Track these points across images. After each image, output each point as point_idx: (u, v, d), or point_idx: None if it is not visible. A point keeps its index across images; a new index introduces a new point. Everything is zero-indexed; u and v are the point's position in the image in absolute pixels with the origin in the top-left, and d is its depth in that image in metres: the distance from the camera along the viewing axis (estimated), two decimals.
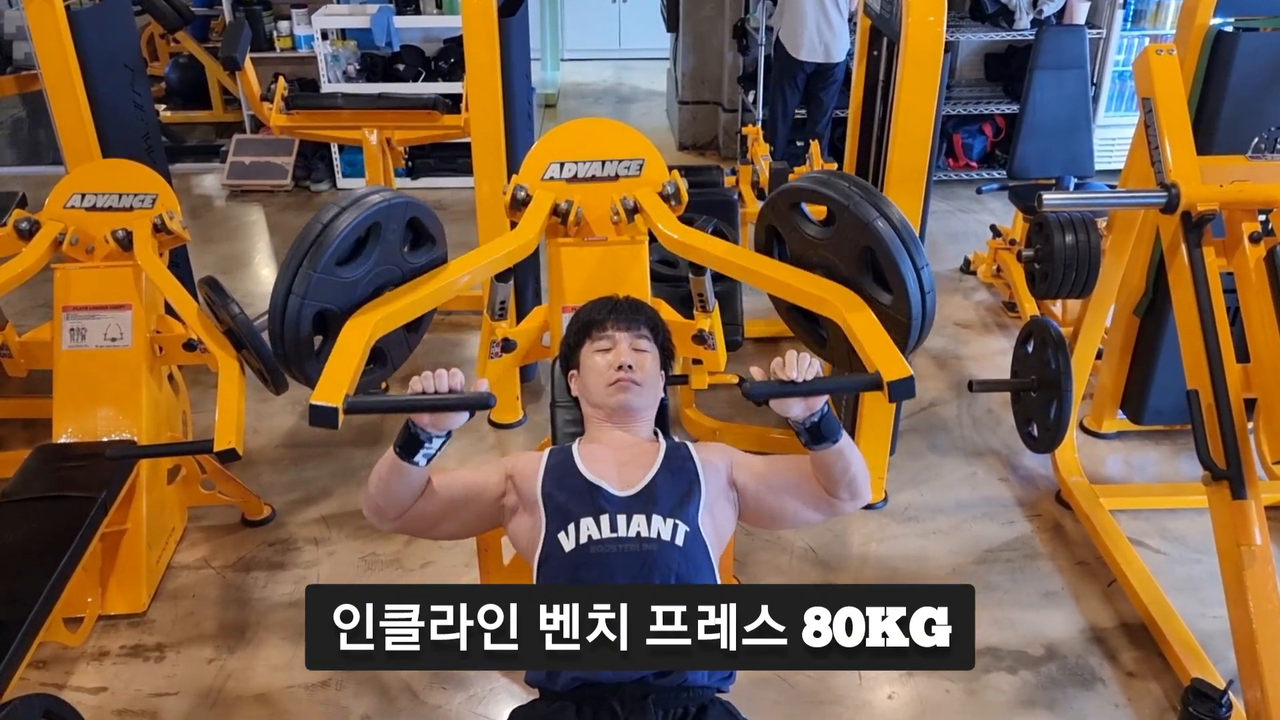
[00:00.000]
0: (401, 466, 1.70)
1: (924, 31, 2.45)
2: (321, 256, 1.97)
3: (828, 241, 2.14)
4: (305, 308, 1.98)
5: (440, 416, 1.68)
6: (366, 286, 2.11)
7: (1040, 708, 2.39)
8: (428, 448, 1.69)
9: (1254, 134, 2.48)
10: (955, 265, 4.93)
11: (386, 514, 1.79)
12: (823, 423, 1.70)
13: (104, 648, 2.56)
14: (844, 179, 2.11)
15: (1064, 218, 3.50)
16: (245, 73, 4.11)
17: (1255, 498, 2.19)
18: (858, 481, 1.79)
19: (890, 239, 1.98)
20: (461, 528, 1.90)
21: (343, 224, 2.01)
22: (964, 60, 6.39)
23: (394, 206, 2.11)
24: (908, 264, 1.98)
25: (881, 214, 2.00)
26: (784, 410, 1.70)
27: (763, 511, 1.87)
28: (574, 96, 8.54)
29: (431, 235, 2.25)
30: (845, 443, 1.74)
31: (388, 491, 1.75)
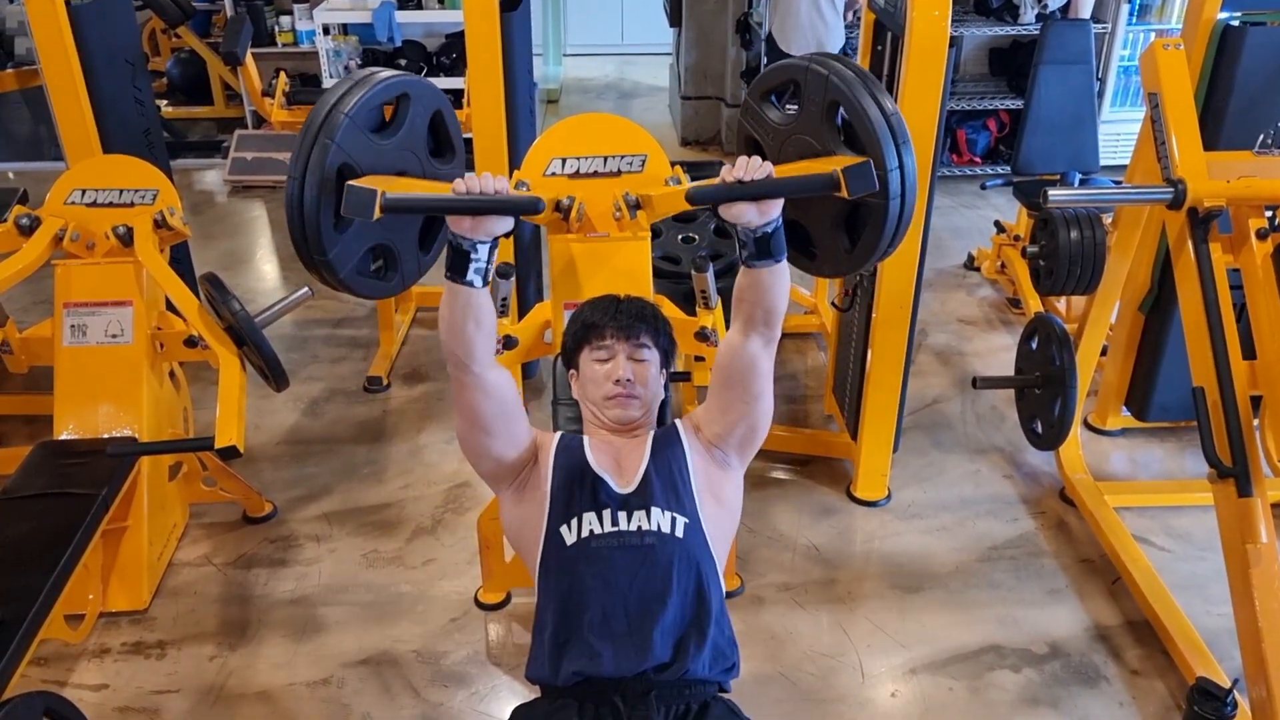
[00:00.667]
0: (458, 290, 1.64)
1: (929, 26, 2.43)
2: (351, 104, 1.99)
3: (797, 120, 2.15)
4: (332, 153, 1.94)
5: (482, 220, 1.61)
6: (390, 165, 2.11)
7: (1044, 706, 2.38)
8: (475, 259, 1.62)
9: (1261, 129, 2.47)
10: (959, 261, 4.91)
11: (460, 360, 1.69)
12: (774, 235, 1.66)
13: (105, 645, 2.56)
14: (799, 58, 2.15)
15: (1069, 213, 3.49)
16: (246, 68, 4.11)
17: (1261, 495, 2.18)
18: (779, 311, 1.74)
19: (850, 82, 1.98)
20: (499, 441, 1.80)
21: (378, 79, 2.07)
22: (968, 55, 6.36)
23: (423, 85, 2.20)
24: (870, 103, 1.95)
25: (839, 64, 2.03)
26: (737, 216, 1.64)
27: (733, 431, 1.83)
28: (576, 92, 8.52)
29: (453, 144, 2.29)
30: (784, 266, 1.71)
31: (454, 329, 1.66)
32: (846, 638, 2.58)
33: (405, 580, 2.79)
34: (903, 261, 2.68)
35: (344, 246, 2.08)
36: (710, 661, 1.67)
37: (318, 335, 4.21)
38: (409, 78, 2.18)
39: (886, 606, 2.69)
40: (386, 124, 2.16)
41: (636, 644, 1.63)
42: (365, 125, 2.05)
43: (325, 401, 3.71)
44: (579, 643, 1.64)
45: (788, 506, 3.09)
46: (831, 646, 2.55)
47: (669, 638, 1.65)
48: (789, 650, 2.54)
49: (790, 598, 2.72)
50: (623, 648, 1.63)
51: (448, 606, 2.68)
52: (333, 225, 2.02)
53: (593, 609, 1.65)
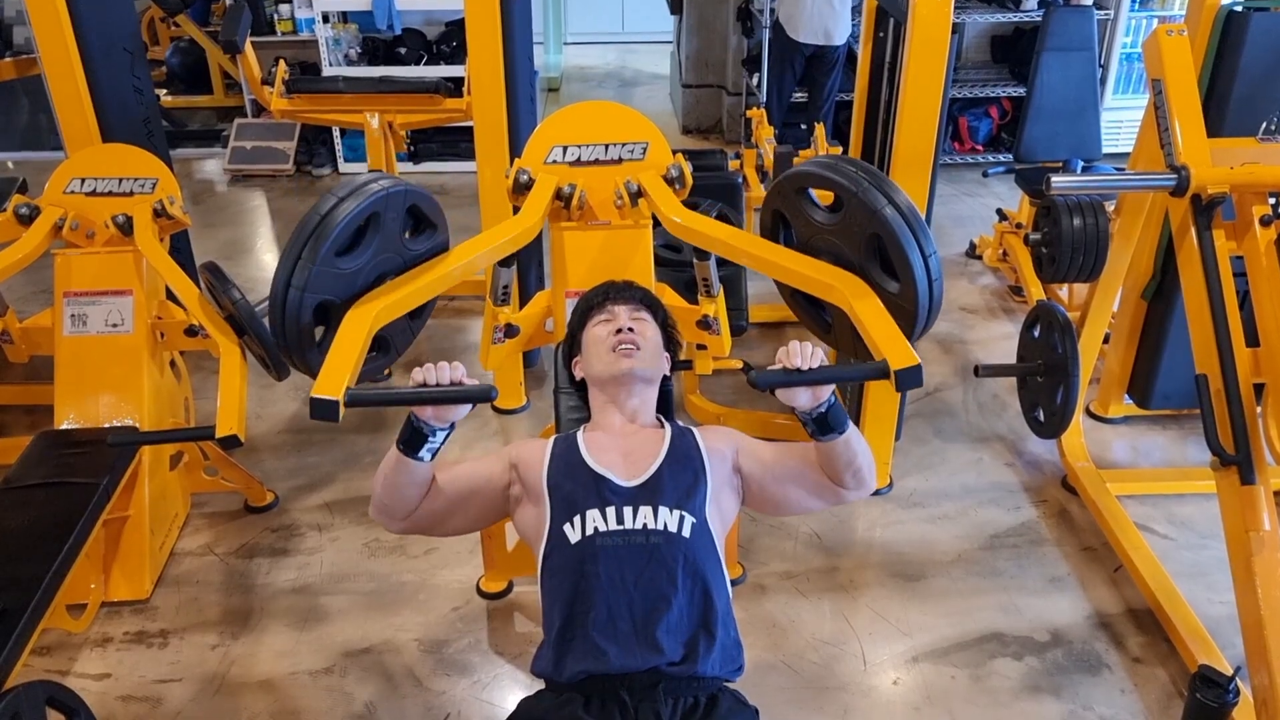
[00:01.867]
0: (406, 463, 1.70)
1: (931, 13, 2.42)
2: (320, 248, 1.96)
3: (834, 228, 2.11)
4: (305, 300, 1.97)
5: (443, 409, 1.68)
6: (367, 276, 2.09)
7: (1046, 694, 2.38)
8: (431, 441, 1.69)
9: (1265, 116, 2.46)
10: (961, 249, 4.90)
11: (395, 514, 1.78)
12: (830, 413, 1.69)
13: (107, 634, 2.56)
14: (852, 164, 2.08)
15: (1071, 201, 3.48)
16: (246, 56, 4.08)
17: (1264, 483, 2.17)
18: (863, 471, 1.78)
19: (898, 226, 1.96)
20: (469, 522, 1.90)
21: (341, 214, 1.99)
22: (970, 42, 6.34)
23: (393, 195, 2.09)
24: (915, 252, 1.95)
25: (890, 201, 1.98)
26: (790, 400, 1.69)
27: (766, 498, 1.87)
28: (577, 80, 8.49)
29: (432, 221, 2.22)
30: (852, 433, 1.73)
31: (394, 490, 1.74)
32: (848, 626, 2.58)
33: (407, 569, 2.79)
34: None
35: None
36: (720, 662, 1.67)
37: None
38: (375, 196, 2.04)
39: (888, 594, 2.69)
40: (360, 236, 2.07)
41: (642, 643, 1.62)
42: (335, 255, 2.01)
43: None
44: (584, 641, 1.64)
45: None
46: (833, 634, 2.55)
47: (676, 637, 1.64)
48: (791, 638, 2.54)
49: (792, 586, 2.72)
50: (628, 646, 1.62)
51: (450, 595, 2.68)
52: (317, 347, 2.05)
53: (598, 607, 1.65)
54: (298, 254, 1.97)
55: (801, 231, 2.21)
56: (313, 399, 1.73)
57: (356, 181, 2.07)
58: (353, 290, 2.06)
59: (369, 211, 2.04)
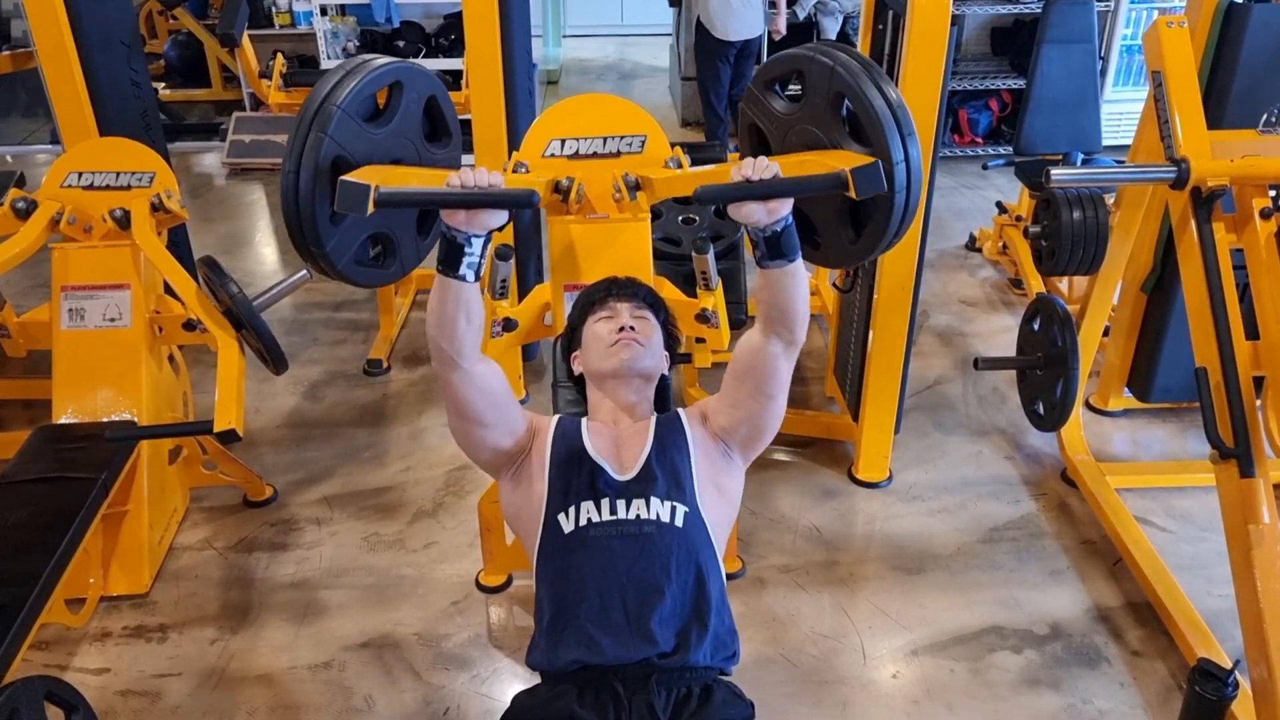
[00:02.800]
0: (449, 284, 1.62)
1: (930, 4, 2.41)
2: (343, 95, 1.97)
3: (801, 110, 2.13)
4: (325, 145, 1.92)
5: (477, 214, 1.60)
6: (385, 154, 2.11)
7: (1045, 687, 2.38)
8: (469, 253, 1.60)
9: (1265, 108, 2.45)
10: (961, 242, 4.89)
11: (450, 358, 1.68)
12: (785, 234, 1.63)
13: (106, 629, 2.56)
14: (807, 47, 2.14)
15: (1071, 193, 3.47)
16: (243, 50, 4.08)
17: (1263, 476, 2.17)
18: (799, 314, 1.71)
19: (854, 72, 1.97)
20: (495, 432, 1.79)
21: (370, 67, 2.05)
22: (970, 34, 6.32)
23: (418, 71, 2.18)
24: (875, 92, 1.93)
25: (844, 52, 2.03)
26: (745, 216, 1.63)
27: (740, 427, 1.82)
28: (576, 73, 8.47)
29: (449, 128, 2.27)
30: (800, 266, 1.68)
31: (444, 324, 1.65)
32: (848, 619, 2.58)
33: (406, 563, 2.79)
34: (904, 243, 2.64)
35: (341, 237, 2.06)
36: (711, 651, 1.66)
37: (317, 318, 4.20)
38: (402, 64, 2.15)
39: (888, 588, 2.69)
40: (380, 112, 2.13)
41: (635, 633, 1.62)
42: (358, 115, 2.03)
43: (325, 385, 3.70)
44: (577, 631, 1.63)
45: (789, 488, 3.08)
46: (833, 628, 2.55)
47: (669, 627, 1.63)
48: (790, 632, 2.54)
49: (792, 579, 2.72)
50: (621, 637, 1.61)
51: (449, 589, 2.68)
52: (329, 218, 2.01)
53: (590, 598, 1.64)
54: (321, 98, 1.96)
55: (775, 135, 2.23)
56: (343, 181, 1.64)
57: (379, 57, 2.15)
58: (371, 155, 2.07)
59: (394, 77, 2.09)
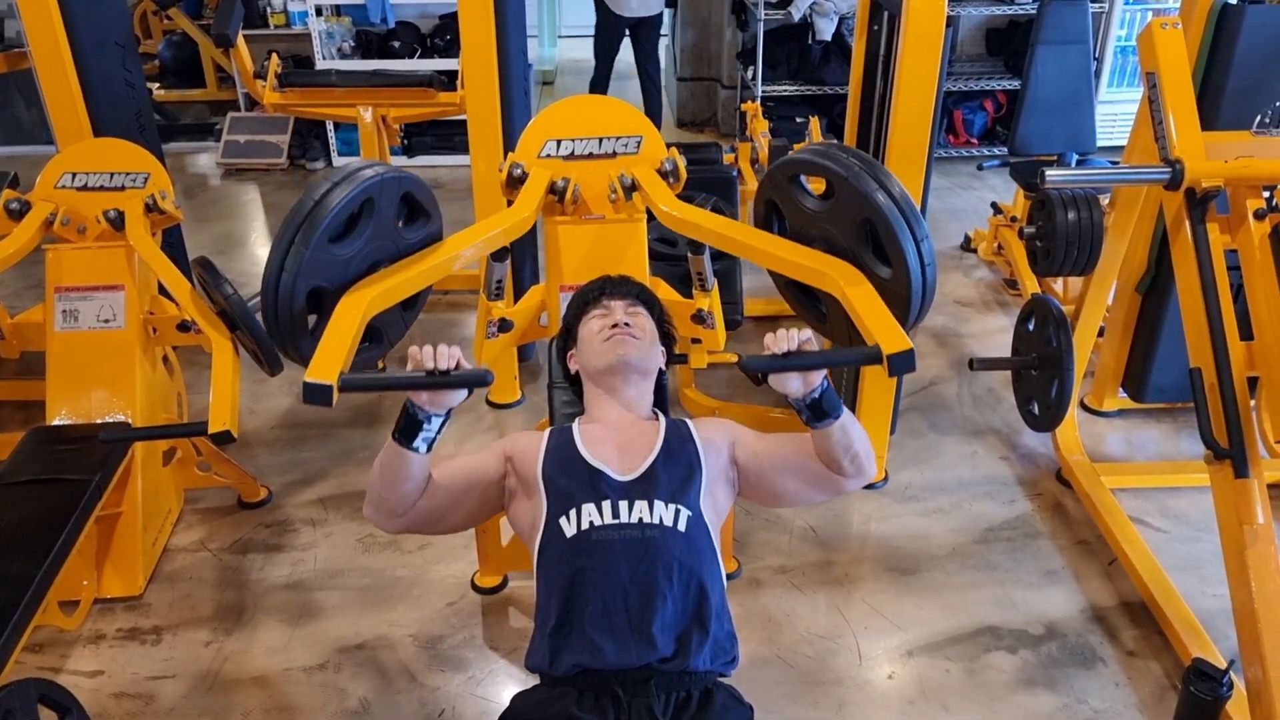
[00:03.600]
0: (402, 454, 1.68)
1: (926, 5, 2.41)
2: (314, 234, 1.95)
3: (827, 214, 2.11)
4: (298, 286, 1.96)
5: (439, 395, 1.65)
6: (360, 263, 2.09)
7: (1040, 687, 2.38)
8: (427, 430, 1.67)
9: (1259, 109, 2.45)
10: (956, 242, 4.90)
11: (392, 511, 1.76)
12: (823, 398, 1.68)
13: (100, 631, 2.55)
14: (844, 151, 2.09)
15: (1066, 194, 3.48)
16: (238, 50, 4.07)
17: (1258, 476, 2.17)
18: (861, 458, 1.76)
19: (890, 211, 1.96)
20: (465, 518, 1.88)
21: (335, 200, 1.98)
22: (965, 35, 6.34)
23: (386, 181, 2.08)
24: (908, 237, 1.95)
25: (881, 186, 1.98)
26: (782, 386, 1.68)
27: (763, 490, 1.87)
28: (571, 73, 8.47)
29: (426, 210, 2.22)
30: (847, 418, 1.72)
31: (391, 484, 1.72)
32: (843, 620, 2.58)
33: (401, 564, 2.78)
34: None
35: None
36: (711, 656, 1.66)
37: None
38: (370, 181, 2.04)
39: (883, 588, 2.69)
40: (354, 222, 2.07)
41: (637, 638, 1.61)
42: (328, 245, 2.01)
43: None
44: (579, 635, 1.63)
45: None
46: (829, 629, 2.55)
47: (670, 632, 1.63)
48: (786, 633, 2.54)
49: (787, 580, 2.72)
50: (623, 641, 1.61)
51: (444, 590, 2.68)
52: (309, 334, 2.04)
53: (594, 602, 1.64)
54: (290, 239, 1.96)
55: (794, 220, 2.21)
56: (306, 383, 1.71)
57: (350, 168, 2.07)
58: (346, 277, 2.05)
59: (363, 198, 2.04)
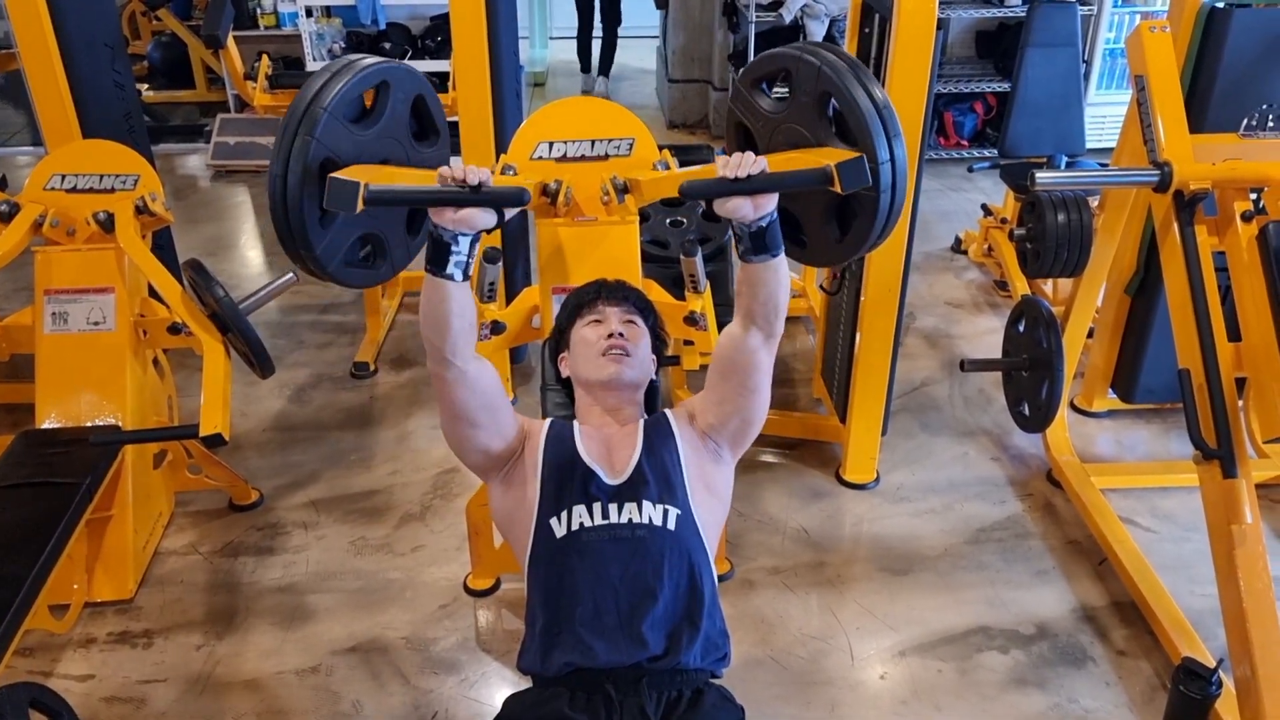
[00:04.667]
0: (437, 284, 1.61)
1: (917, 8, 2.42)
2: (329, 97, 1.96)
3: (788, 109, 2.15)
4: (313, 149, 1.91)
5: (465, 213, 1.58)
6: (373, 155, 2.10)
7: (1031, 686, 2.39)
8: (457, 252, 1.59)
9: (1246, 112, 2.47)
10: (946, 244, 4.91)
11: (447, 355, 1.67)
12: (769, 229, 1.65)
13: (91, 635, 2.54)
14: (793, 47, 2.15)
15: (1056, 196, 3.49)
16: (228, 51, 4.06)
17: (1246, 476, 2.19)
18: (780, 308, 1.74)
19: (840, 71, 1.98)
20: (485, 433, 1.78)
21: (357, 68, 2.04)
22: (955, 37, 6.35)
23: (404, 71, 2.18)
24: (860, 91, 1.95)
25: (831, 52, 2.04)
26: (729, 210, 1.64)
27: (728, 423, 1.82)
28: (563, 75, 8.46)
29: (436, 127, 2.27)
30: (781, 263, 1.70)
31: (436, 324, 1.64)
32: (836, 620, 2.59)
33: (394, 567, 2.78)
34: (891, 245, 2.66)
35: (331, 239, 2.06)
36: (702, 653, 1.66)
37: (304, 321, 4.18)
38: (388, 64, 2.15)
39: (875, 589, 2.70)
40: (367, 113, 2.13)
41: (628, 637, 1.61)
42: (345, 117, 2.02)
43: (312, 388, 3.69)
44: (570, 636, 1.63)
45: (777, 490, 3.09)
46: (821, 629, 2.56)
47: (661, 630, 1.63)
48: (779, 633, 2.54)
49: (780, 581, 2.72)
50: (615, 641, 1.61)
51: (437, 593, 2.68)
52: (318, 220, 2.00)
53: (584, 602, 1.64)
54: (307, 102, 1.94)
55: (762, 134, 2.24)
56: (332, 179, 1.62)
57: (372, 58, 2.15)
58: (358, 156, 2.06)
59: (380, 77, 2.09)
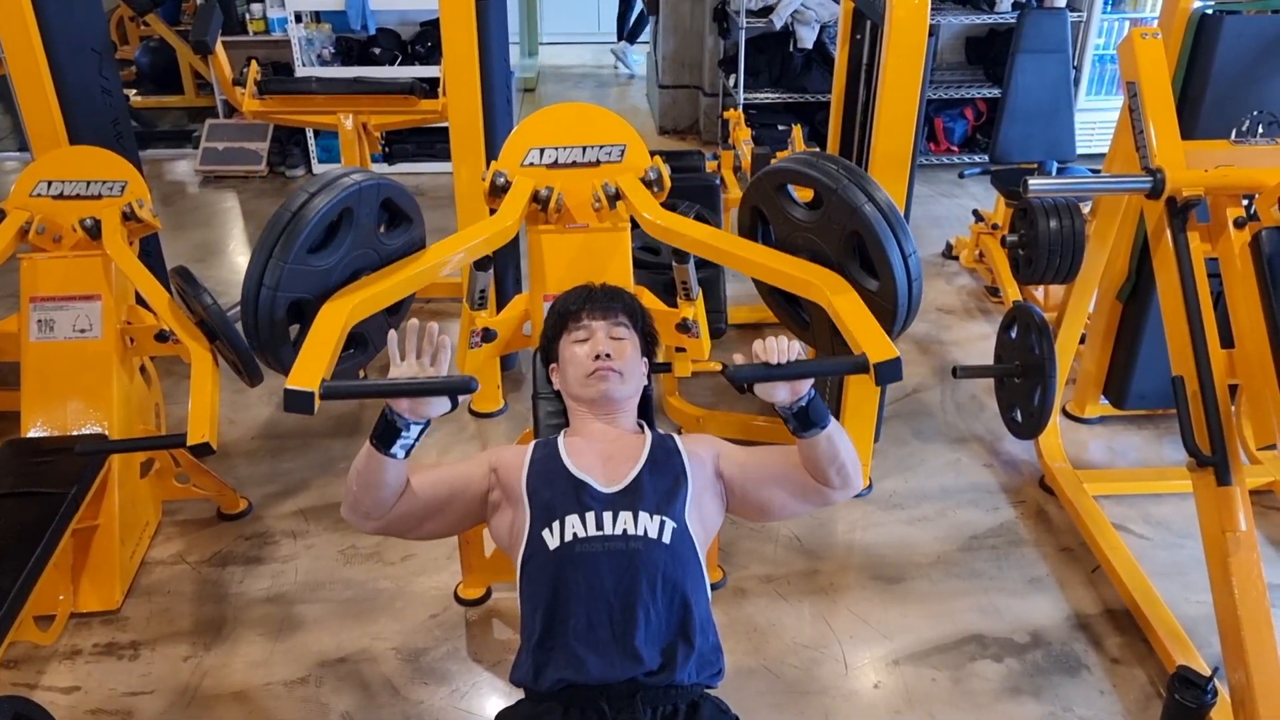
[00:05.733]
0: (379, 459, 1.65)
1: (908, 15, 2.41)
2: (292, 246, 1.93)
3: (813, 225, 2.11)
4: (278, 300, 1.94)
5: (419, 403, 1.62)
6: (342, 272, 2.07)
7: (1026, 695, 2.38)
8: (405, 437, 1.64)
9: (1237, 118, 2.47)
10: (937, 250, 4.91)
11: (369, 514, 1.74)
12: (810, 407, 1.67)
13: (76, 646, 2.51)
14: (831, 161, 2.09)
15: (1048, 203, 3.49)
16: (217, 56, 4.03)
17: (1240, 483, 2.18)
18: (848, 468, 1.75)
19: (878, 223, 1.96)
20: (446, 526, 1.86)
21: (313, 210, 1.96)
22: (945, 43, 6.37)
23: (365, 189, 2.07)
24: (895, 249, 1.95)
25: (869, 198, 1.98)
26: (769, 395, 1.67)
27: (750, 503, 1.85)
28: (554, 80, 8.46)
29: (408, 215, 2.21)
30: (834, 428, 1.71)
31: (367, 489, 1.70)
32: (829, 629, 2.57)
33: (384, 576, 2.75)
34: None
35: None
36: (697, 669, 1.65)
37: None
38: (348, 190, 2.02)
39: (868, 597, 2.68)
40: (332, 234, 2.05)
41: (621, 652, 1.60)
42: (307, 257, 1.98)
43: None
44: (563, 650, 1.62)
45: None
46: (814, 638, 2.54)
47: (654, 645, 1.62)
48: (772, 642, 2.53)
49: (773, 589, 2.71)
50: (607, 655, 1.60)
51: (427, 602, 2.65)
52: (291, 345, 2.01)
53: (577, 615, 1.63)
54: (269, 252, 1.93)
55: (780, 229, 2.21)
56: (287, 390, 1.68)
57: (328, 176, 2.05)
58: (326, 287, 2.03)
59: (341, 206, 2.01)
